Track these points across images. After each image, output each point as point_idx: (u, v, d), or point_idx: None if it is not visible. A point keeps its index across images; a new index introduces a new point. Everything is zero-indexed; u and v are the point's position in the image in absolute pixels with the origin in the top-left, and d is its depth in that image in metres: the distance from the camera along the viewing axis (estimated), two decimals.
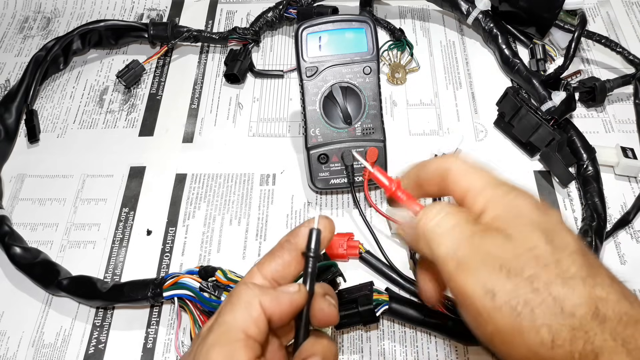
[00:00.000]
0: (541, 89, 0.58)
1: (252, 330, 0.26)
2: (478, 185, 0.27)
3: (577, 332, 0.22)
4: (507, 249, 0.24)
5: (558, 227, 0.25)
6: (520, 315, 0.22)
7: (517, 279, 0.23)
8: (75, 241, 0.53)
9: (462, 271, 0.24)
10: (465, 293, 0.24)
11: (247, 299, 0.27)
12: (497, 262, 0.23)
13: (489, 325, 0.23)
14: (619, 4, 0.71)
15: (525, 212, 0.25)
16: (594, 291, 0.23)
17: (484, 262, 0.24)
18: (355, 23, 0.50)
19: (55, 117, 0.62)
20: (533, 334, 0.22)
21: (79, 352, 0.46)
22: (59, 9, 0.74)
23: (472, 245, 0.24)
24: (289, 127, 0.60)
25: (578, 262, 0.23)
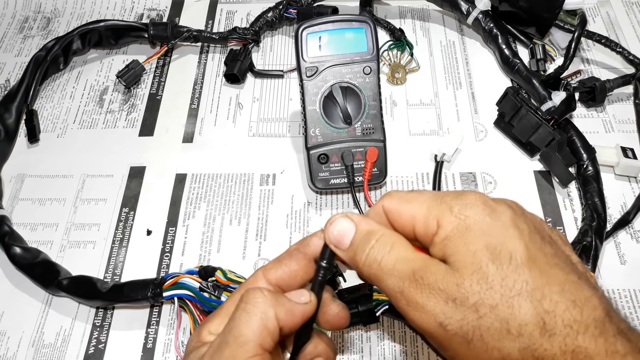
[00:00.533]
0: (541, 89, 0.58)
1: (268, 344, 0.26)
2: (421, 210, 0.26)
3: (526, 351, 0.22)
4: (450, 280, 0.24)
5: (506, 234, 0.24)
6: (471, 342, 0.23)
7: (463, 307, 0.23)
8: (75, 241, 0.53)
9: (412, 308, 0.24)
10: (421, 326, 0.24)
11: (264, 309, 0.26)
12: (443, 296, 0.24)
13: (449, 351, 0.24)
14: (619, 4, 0.71)
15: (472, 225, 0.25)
16: (540, 305, 0.23)
17: (430, 298, 0.24)
18: (355, 23, 0.50)
19: (55, 117, 0.62)
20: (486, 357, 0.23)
21: (79, 352, 0.46)
22: (59, 9, 0.74)
23: (416, 284, 0.24)
24: (289, 127, 0.60)
25: (524, 276, 0.23)
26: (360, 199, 0.53)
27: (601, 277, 0.49)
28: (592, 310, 0.23)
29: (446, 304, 0.23)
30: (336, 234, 0.27)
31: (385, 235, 0.27)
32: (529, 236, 0.25)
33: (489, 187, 0.55)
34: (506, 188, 0.54)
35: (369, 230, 0.27)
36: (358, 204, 0.51)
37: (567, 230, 0.52)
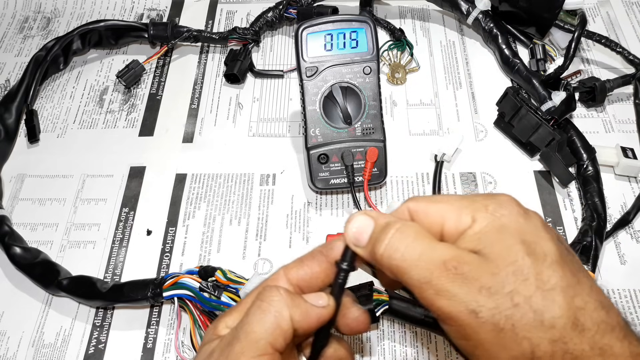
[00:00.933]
0: (541, 89, 0.58)
1: (279, 344, 0.26)
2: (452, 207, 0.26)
3: (556, 343, 0.23)
4: (485, 269, 0.24)
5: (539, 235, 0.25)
6: (502, 330, 0.23)
7: (498, 296, 0.23)
8: (75, 241, 0.53)
9: (442, 297, 0.24)
10: (448, 314, 0.24)
11: (279, 308, 0.26)
12: (477, 285, 0.24)
13: (472, 339, 0.24)
14: (619, 4, 0.71)
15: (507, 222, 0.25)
16: (573, 302, 0.23)
17: (462, 286, 0.24)
18: (355, 23, 0.50)
19: (55, 117, 0.62)
20: (515, 347, 0.23)
21: (79, 352, 0.46)
22: (59, 9, 0.74)
23: (447, 272, 0.24)
24: (289, 127, 0.60)
25: (558, 273, 0.24)
26: (360, 199, 0.53)
27: (601, 277, 0.49)
28: (616, 314, 0.24)
29: (479, 292, 0.23)
30: (355, 231, 0.27)
31: (406, 225, 0.26)
32: (557, 240, 0.25)
33: (489, 187, 0.55)
34: (506, 188, 0.54)
35: (387, 222, 0.26)
36: (358, 204, 0.51)
37: (567, 230, 0.52)
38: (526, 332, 0.23)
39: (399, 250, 0.25)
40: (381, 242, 0.26)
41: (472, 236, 0.25)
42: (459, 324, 0.24)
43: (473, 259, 0.24)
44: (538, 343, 0.23)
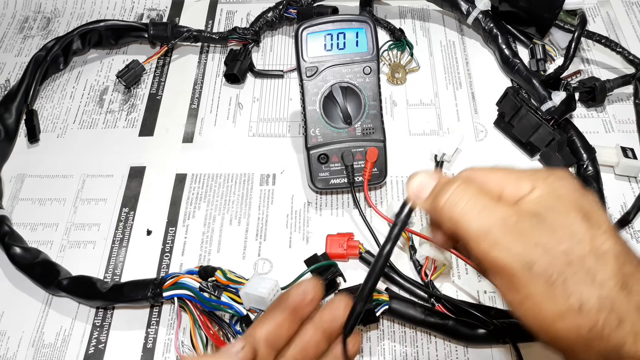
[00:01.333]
0: (541, 89, 0.58)
1: None
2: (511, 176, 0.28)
3: (604, 301, 0.24)
4: (542, 228, 0.25)
5: (594, 207, 0.26)
6: (554, 284, 0.24)
7: (553, 252, 0.25)
8: (75, 241, 0.53)
9: (498, 248, 0.25)
10: (502, 265, 0.25)
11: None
12: (533, 240, 0.25)
13: (522, 292, 0.25)
14: (619, 4, 0.71)
15: (565, 193, 0.27)
16: (623, 267, 0.25)
17: (519, 240, 0.25)
18: (355, 23, 0.50)
19: (55, 117, 0.62)
20: (563, 301, 0.24)
21: (79, 352, 0.46)
22: (59, 9, 0.74)
23: (505, 226, 0.25)
24: (289, 127, 0.60)
25: (611, 240, 0.25)
26: (360, 199, 0.53)
27: None
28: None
29: (535, 247, 0.25)
30: (417, 185, 0.29)
31: (468, 183, 0.28)
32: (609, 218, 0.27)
33: None
34: None
35: (450, 180, 0.28)
36: (358, 204, 0.51)
37: None
38: (577, 287, 0.24)
39: (461, 202, 0.27)
40: (444, 194, 0.27)
41: (531, 201, 0.27)
42: (512, 275, 0.25)
43: (532, 218, 0.26)
44: (587, 298, 0.24)
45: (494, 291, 0.48)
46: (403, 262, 0.49)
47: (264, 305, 0.42)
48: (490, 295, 0.48)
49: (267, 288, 0.41)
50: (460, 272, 0.49)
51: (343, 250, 0.48)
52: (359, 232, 0.52)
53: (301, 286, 0.31)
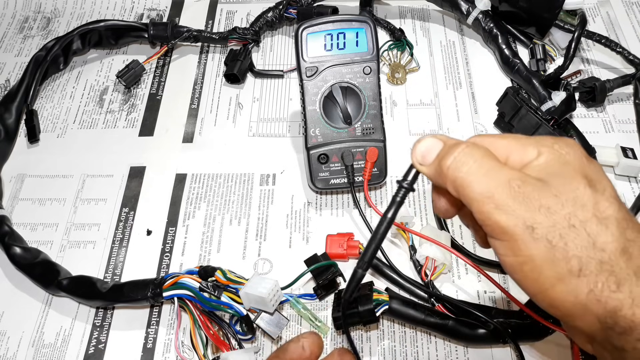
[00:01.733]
0: (541, 89, 0.58)
1: None
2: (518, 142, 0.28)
3: (604, 265, 0.24)
4: (546, 191, 0.25)
5: (599, 175, 0.27)
6: (555, 247, 0.25)
7: (555, 215, 0.25)
8: (75, 241, 0.53)
9: (501, 211, 0.25)
10: (504, 228, 0.25)
11: None
12: (536, 204, 0.25)
13: (522, 255, 0.25)
14: (619, 4, 0.71)
15: (571, 160, 0.27)
16: (625, 233, 0.25)
17: (522, 203, 0.25)
18: (355, 23, 0.50)
19: (55, 117, 0.62)
20: (563, 263, 0.24)
21: (79, 352, 0.46)
22: (59, 9, 0.74)
23: (510, 189, 0.25)
24: (289, 127, 0.60)
25: (614, 206, 0.25)
26: (360, 199, 0.53)
27: None
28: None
29: (539, 210, 0.25)
30: (423, 150, 0.29)
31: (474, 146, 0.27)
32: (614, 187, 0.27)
33: None
34: None
35: (456, 142, 0.28)
36: (358, 204, 0.51)
37: None
38: (577, 251, 0.24)
39: (466, 164, 0.27)
40: (450, 156, 0.27)
41: (536, 166, 0.27)
42: (513, 238, 0.25)
43: (536, 182, 0.26)
44: (587, 262, 0.24)
45: (494, 291, 0.48)
46: (403, 262, 0.49)
47: (264, 305, 0.42)
48: (490, 295, 0.48)
49: (267, 288, 0.41)
50: (460, 272, 0.49)
51: (343, 250, 0.48)
52: (359, 232, 0.52)
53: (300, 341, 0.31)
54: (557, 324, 0.43)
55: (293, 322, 0.47)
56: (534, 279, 0.25)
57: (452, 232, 0.51)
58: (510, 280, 0.49)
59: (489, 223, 0.26)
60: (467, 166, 0.27)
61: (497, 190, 0.26)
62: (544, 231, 0.25)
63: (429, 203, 0.54)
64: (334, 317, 0.43)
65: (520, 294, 0.48)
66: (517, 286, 0.27)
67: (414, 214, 0.53)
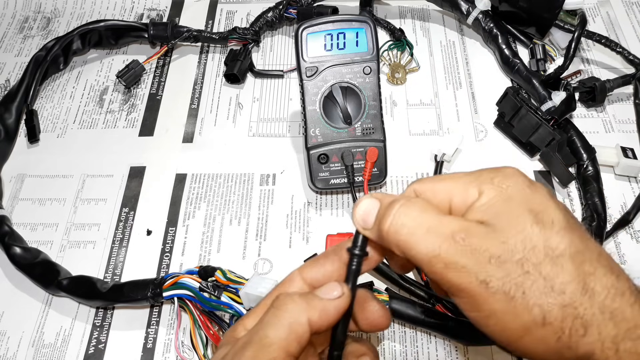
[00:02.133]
0: (541, 89, 0.58)
1: (294, 348, 0.26)
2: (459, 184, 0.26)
3: (567, 308, 0.23)
4: (493, 238, 0.24)
5: (546, 204, 0.25)
6: (513, 298, 0.23)
7: (507, 264, 0.23)
8: (75, 241, 0.53)
9: (451, 270, 0.24)
10: (458, 286, 0.24)
11: (295, 315, 0.26)
12: (486, 255, 0.24)
13: (484, 310, 0.24)
14: (619, 4, 0.71)
15: (513, 193, 0.25)
16: (582, 267, 0.23)
17: (471, 257, 0.24)
18: (355, 23, 0.50)
19: (55, 117, 0.62)
20: (526, 314, 0.23)
21: (79, 352, 0.46)
22: (59, 9, 0.74)
23: (455, 244, 0.24)
24: (289, 127, 0.60)
25: (566, 239, 0.24)
26: None
27: None
28: (626, 280, 0.24)
29: (489, 262, 0.24)
30: (362, 213, 0.27)
31: (411, 200, 0.26)
32: (564, 209, 0.25)
33: None
34: None
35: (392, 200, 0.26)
36: None
37: None
38: (537, 298, 0.23)
39: (405, 225, 0.25)
40: (387, 218, 0.25)
41: (479, 208, 0.25)
42: (470, 295, 0.24)
43: (481, 230, 0.24)
44: (549, 309, 0.23)
45: None
46: None
47: None
48: None
49: (267, 288, 0.41)
50: None
51: None
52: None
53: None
54: None
55: None
56: (501, 332, 0.24)
57: None
58: None
59: (443, 282, 0.25)
60: (406, 227, 0.25)
61: (443, 248, 0.24)
62: (498, 283, 0.23)
63: None
64: None
65: None
66: None
67: None
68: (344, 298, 0.27)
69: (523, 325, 0.23)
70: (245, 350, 0.26)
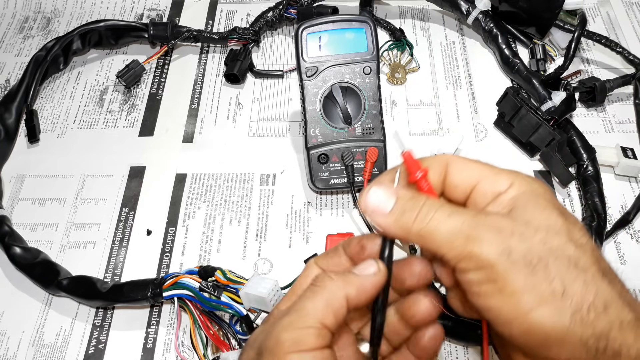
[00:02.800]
0: (541, 89, 0.58)
1: (329, 321, 0.26)
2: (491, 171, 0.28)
3: (589, 285, 0.24)
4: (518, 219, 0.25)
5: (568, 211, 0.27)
6: (535, 268, 0.24)
7: (531, 240, 0.24)
8: (75, 241, 0.53)
9: (473, 241, 0.25)
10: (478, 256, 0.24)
11: (333, 290, 0.27)
12: (508, 230, 0.25)
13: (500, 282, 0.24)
14: (619, 4, 0.71)
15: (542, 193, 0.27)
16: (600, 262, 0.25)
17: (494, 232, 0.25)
18: (355, 23, 0.50)
19: (55, 117, 0.62)
20: (546, 284, 0.24)
21: (79, 352, 0.46)
22: (59, 9, 0.74)
23: (478, 221, 0.25)
24: (289, 127, 0.60)
25: (587, 237, 0.25)
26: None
27: None
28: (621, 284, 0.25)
29: (512, 236, 0.24)
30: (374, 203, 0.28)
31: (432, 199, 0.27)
32: None
33: None
34: None
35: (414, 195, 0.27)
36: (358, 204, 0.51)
37: None
38: (560, 272, 0.24)
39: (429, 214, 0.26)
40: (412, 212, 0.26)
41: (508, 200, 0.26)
42: (490, 264, 0.24)
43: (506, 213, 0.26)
44: (571, 282, 0.23)
45: None
46: None
47: (264, 305, 0.42)
48: None
49: (267, 288, 0.41)
50: None
51: None
52: (359, 232, 0.52)
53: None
54: None
55: None
56: (514, 304, 0.24)
57: None
58: None
59: (463, 256, 0.25)
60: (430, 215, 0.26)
61: (465, 225, 0.25)
62: (520, 254, 0.24)
63: None
64: None
65: None
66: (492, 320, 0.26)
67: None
68: (381, 274, 0.28)
69: (540, 296, 0.23)
70: (282, 319, 0.27)
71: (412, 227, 0.26)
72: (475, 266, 0.25)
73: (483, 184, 0.27)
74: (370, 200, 0.27)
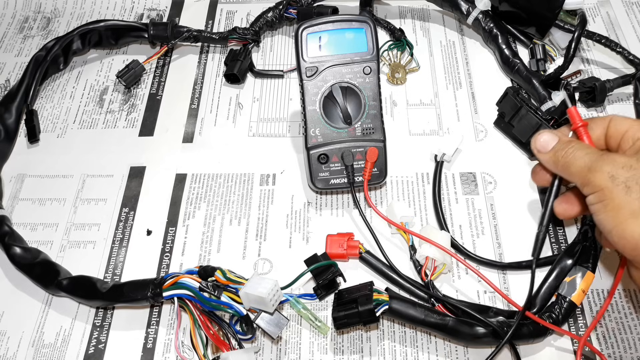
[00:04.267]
0: (541, 89, 0.58)
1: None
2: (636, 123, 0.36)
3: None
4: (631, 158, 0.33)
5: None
6: (630, 189, 0.32)
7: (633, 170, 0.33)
8: (75, 241, 0.53)
9: (593, 171, 0.34)
10: (594, 182, 0.34)
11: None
12: (620, 164, 0.33)
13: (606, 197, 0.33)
14: (619, 4, 0.71)
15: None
16: None
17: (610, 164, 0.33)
18: (355, 23, 0.50)
19: (55, 117, 0.62)
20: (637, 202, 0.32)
21: (79, 352, 0.46)
22: (59, 9, 0.74)
23: (600, 157, 0.34)
24: (289, 127, 0.60)
25: None
26: (360, 199, 0.53)
27: (601, 277, 0.49)
28: None
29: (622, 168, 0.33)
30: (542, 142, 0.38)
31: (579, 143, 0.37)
32: None
33: (489, 187, 0.55)
34: (506, 188, 0.54)
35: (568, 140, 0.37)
36: (358, 204, 0.51)
37: (567, 230, 0.52)
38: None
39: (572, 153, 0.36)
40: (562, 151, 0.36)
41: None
42: (600, 187, 0.33)
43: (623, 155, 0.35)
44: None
45: (494, 291, 0.48)
46: (403, 262, 0.49)
47: (263, 305, 0.42)
48: (490, 295, 0.48)
49: (267, 288, 0.41)
50: (460, 272, 0.49)
51: (343, 250, 0.48)
52: (359, 232, 0.52)
53: None
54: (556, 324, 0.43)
55: (293, 322, 0.47)
56: (613, 216, 0.33)
57: (452, 232, 0.51)
58: (510, 281, 0.49)
59: (586, 182, 0.34)
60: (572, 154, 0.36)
61: (592, 159, 0.34)
62: (622, 179, 0.32)
63: (429, 203, 0.54)
64: (334, 317, 0.43)
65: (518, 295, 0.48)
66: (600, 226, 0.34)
67: (414, 214, 0.53)
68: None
69: (632, 210, 0.32)
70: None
71: (559, 160, 0.36)
72: (591, 190, 0.34)
73: (629, 133, 0.36)
74: (539, 140, 0.38)
